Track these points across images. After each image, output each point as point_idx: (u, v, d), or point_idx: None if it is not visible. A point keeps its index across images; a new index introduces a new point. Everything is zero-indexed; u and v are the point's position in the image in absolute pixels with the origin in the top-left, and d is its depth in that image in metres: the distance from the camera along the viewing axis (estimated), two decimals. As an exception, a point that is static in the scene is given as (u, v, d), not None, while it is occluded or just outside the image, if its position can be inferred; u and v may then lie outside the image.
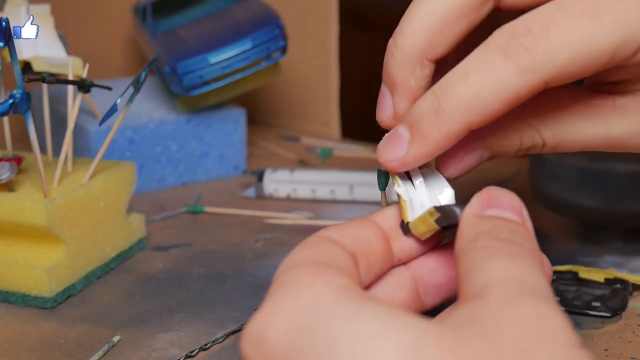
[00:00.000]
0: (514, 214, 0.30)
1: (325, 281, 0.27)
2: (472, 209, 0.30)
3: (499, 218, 0.30)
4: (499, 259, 0.27)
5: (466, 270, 0.28)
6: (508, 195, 0.31)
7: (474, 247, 0.28)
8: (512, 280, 0.26)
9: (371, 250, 0.32)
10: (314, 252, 0.29)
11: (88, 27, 0.87)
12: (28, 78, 0.48)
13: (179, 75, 0.68)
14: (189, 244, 0.59)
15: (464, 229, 0.30)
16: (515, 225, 0.29)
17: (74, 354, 0.43)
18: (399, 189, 0.34)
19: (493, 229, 0.29)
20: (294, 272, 0.28)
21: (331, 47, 0.86)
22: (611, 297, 0.46)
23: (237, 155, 0.74)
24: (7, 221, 0.48)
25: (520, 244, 0.28)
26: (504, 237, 0.28)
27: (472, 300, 0.26)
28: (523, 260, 0.27)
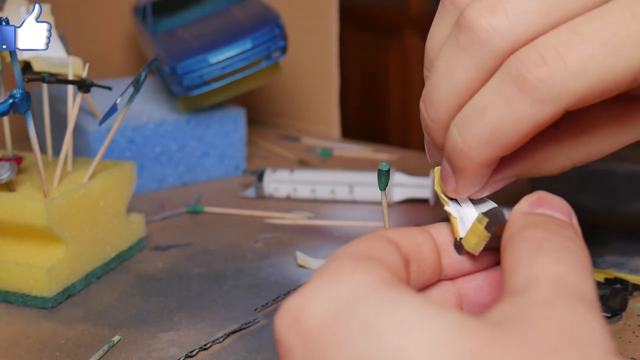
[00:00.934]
0: (563, 215, 0.30)
1: (367, 271, 0.27)
2: (521, 207, 0.30)
3: (549, 215, 0.30)
4: (545, 254, 0.27)
5: (512, 262, 0.27)
6: (558, 199, 0.31)
7: (522, 238, 0.28)
8: (555, 280, 0.26)
9: (424, 258, 0.32)
10: (364, 246, 0.30)
11: (88, 27, 0.87)
12: (28, 78, 0.48)
13: (179, 75, 0.68)
14: (189, 244, 0.59)
15: (512, 222, 0.30)
16: (564, 224, 0.29)
17: (74, 354, 0.43)
18: (449, 208, 0.35)
19: (542, 222, 0.29)
20: (338, 261, 0.28)
21: (331, 47, 0.86)
22: (611, 297, 0.46)
23: (237, 155, 0.74)
24: (7, 221, 0.48)
25: (570, 238, 0.28)
26: (553, 230, 0.28)
27: (513, 297, 0.26)
28: (569, 256, 0.27)
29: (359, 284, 0.26)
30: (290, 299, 0.27)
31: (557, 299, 0.25)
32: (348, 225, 0.61)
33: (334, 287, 0.26)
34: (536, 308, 0.25)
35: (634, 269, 0.52)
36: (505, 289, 0.27)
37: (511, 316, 0.25)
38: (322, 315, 0.26)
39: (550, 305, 0.25)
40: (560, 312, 0.25)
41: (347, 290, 0.26)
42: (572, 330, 0.24)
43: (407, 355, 0.23)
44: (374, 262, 0.28)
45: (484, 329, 0.24)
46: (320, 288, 0.27)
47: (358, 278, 0.27)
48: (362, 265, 0.28)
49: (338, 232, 0.60)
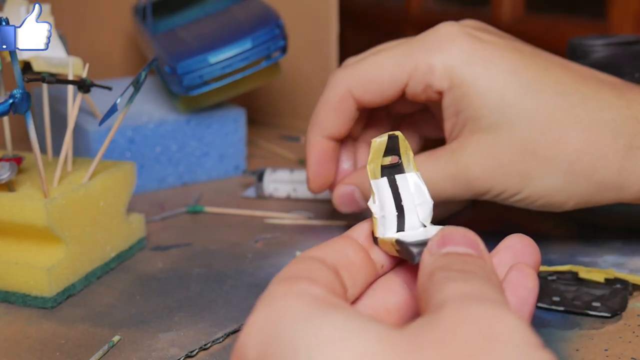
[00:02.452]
0: (467, 247, 0.31)
1: (297, 292, 0.28)
2: (429, 249, 0.31)
3: (454, 254, 0.31)
4: (453, 281, 0.28)
5: (425, 300, 0.29)
6: (461, 232, 0.32)
7: (430, 282, 0.29)
8: (466, 294, 0.27)
9: (350, 261, 0.33)
10: (292, 269, 0.31)
11: (88, 27, 0.87)
12: (28, 78, 0.48)
13: (179, 75, 0.68)
14: (189, 244, 0.59)
15: (422, 269, 0.31)
16: (469, 257, 0.30)
17: (74, 354, 0.43)
18: (373, 206, 0.35)
19: (447, 264, 0.30)
20: (270, 289, 0.29)
21: (331, 47, 0.86)
22: (611, 297, 0.46)
23: (237, 155, 0.74)
24: (7, 221, 0.48)
25: (474, 272, 0.29)
26: (457, 269, 0.29)
27: (429, 314, 0.27)
28: (476, 280, 0.28)
29: (287, 308, 0.27)
30: (238, 337, 0.28)
31: (470, 303, 0.26)
32: (348, 225, 0.61)
33: (265, 315, 0.28)
34: (452, 314, 0.26)
35: (634, 269, 0.52)
36: None
37: (429, 325, 0.26)
38: (257, 346, 0.27)
39: (464, 309, 0.26)
40: (473, 313, 0.26)
41: (276, 316, 0.27)
42: (488, 328, 0.25)
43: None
44: (303, 281, 0.29)
45: (404, 338, 0.25)
46: (255, 319, 0.28)
47: (286, 302, 0.28)
48: (292, 286, 0.29)
49: (338, 232, 0.60)
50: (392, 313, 0.34)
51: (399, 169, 0.36)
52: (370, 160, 0.36)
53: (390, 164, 0.36)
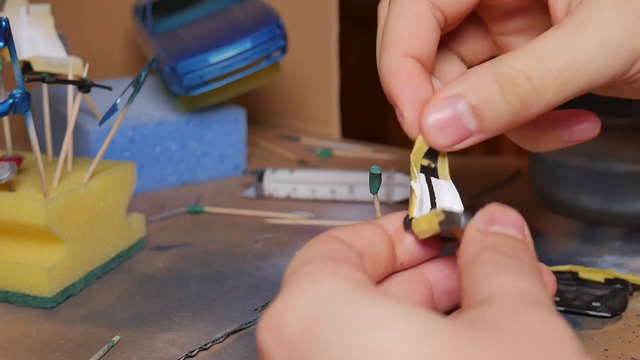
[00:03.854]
0: (516, 232, 0.30)
1: (344, 274, 0.27)
2: (476, 224, 0.31)
3: (502, 234, 0.30)
4: (504, 272, 0.28)
5: (471, 282, 0.28)
6: (511, 213, 0.31)
7: (479, 261, 0.28)
8: (518, 292, 0.26)
9: (377, 253, 0.33)
10: (327, 249, 0.30)
11: (88, 27, 0.87)
12: (28, 78, 0.48)
13: (179, 75, 0.68)
14: (189, 244, 0.59)
15: (468, 243, 0.30)
16: (517, 242, 0.30)
17: (74, 354, 0.43)
18: (415, 185, 0.35)
19: (497, 244, 0.29)
20: (311, 266, 0.28)
21: (331, 47, 0.86)
22: (611, 297, 0.46)
23: (237, 155, 0.74)
24: (7, 221, 0.48)
25: (523, 259, 0.29)
26: (507, 252, 0.29)
27: (479, 306, 0.26)
28: (527, 274, 0.28)
29: (337, 288, 0.27)
30: (270, 307, 0.27)
31: (525, 307, 0.26)
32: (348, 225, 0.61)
33: (313, 293, 0.27)
34: (506, 315, 0.25)
35: (634, 269, 0.52)
36: (466, 304, 0.28)
37: (482, 319, 0.25)
38: (302, 322, 0.26)
39: (520, 313, 0.25)
40: (530, 319, 0.25)
41: (325, 295, 0.26)
42: (546, 333, 0.25)
43: (387, 354, 0.24)
44: (347, 264, 0.28)
45: (461, 327, 0.25)
46: (299, 294, 0.27)
47: (336, 282, 0.27)
48: (337, 268, 0.28)
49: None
50: None
51: (434, 173, 0.36)
52: (415, 152, 0.35)
53: (427, 167, 0.36)
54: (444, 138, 0.35)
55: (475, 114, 0.34)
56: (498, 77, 0.34)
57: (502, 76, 0.34)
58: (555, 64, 0.34)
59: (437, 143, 0.35)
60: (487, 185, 0.69)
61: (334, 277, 0.27)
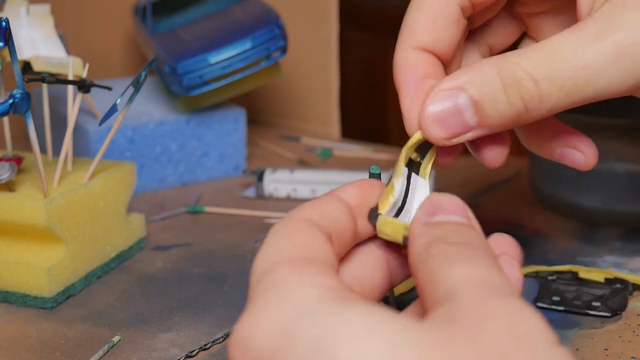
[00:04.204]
0: (459, 216, 0.30)
1: (311, 283, 0.27)
2: (419, 218, 0.30)
3: (447, 223, 0.29)
4: (457, 262, 0.27)
5: (427, 278, 0.27)
6: (450, 199, 0.30)
7: (429, 255, 0.28)
8: (477, 282, 0.26)
9: (343, 230, 0.32)
10: (295, 244, 0.29)
11: (88, 27, 0.87)
12: (28, 78, 0.48)
13: (179, 75, 0.68)
14: (189, 244, 0.59)
15: (415, 238, 0.29)
16: (463, 227, 0.29)
17: (74, 354, 0.43)
18: (397, 182, 0.34)
19: (444, 235, 0.29)
20: (279, 273, 0.27)
21: (331, 47, 0.86)
22: (611, 297, 0.46)
23: (237, 155, 0.74)
24: (7, 221, 0.48)
25: (474, 245, 0.28)
26: (456, 241, 0.28)
27: (443, 303, 0.26)
28: (481, 261, 0.27)
29: (304, 300, 0.26)
30: (240, 323, 0.27)
31: (488, 298, 0.25)
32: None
33: (280, 306, 0.26)
34: (472, 309, 0.25)
35: (634, 269, 0.52)
36: (428, 302, 0.27)
37: (451, 318, 0.25)
38: (271, 340, 0.25)
39: (486, 305, 0.25)
40: (497, 310, 0.24)
41: (293, 308, 0.26)
42: (515, 326, 0.24)
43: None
44: (314, 268, 0.27)
45: (431, 330, 0.24)
46: (267, 310, 0.26)
47: (303, 293, 0.26)
48: (304, 275, 0.27)
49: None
50: (376, 288, 0.33)
51: (416, 168, 0.35)
52: (408, 145, 0.35)
53: (413, 160, 0.35)
54: (441, 130, 0.34)
55: (475, 109, 0.33)
56: (503, 75, 0.33)
57: (507, 75, 0.33)
58: (565, 72, 0.33)
59: (434, 135, 0.34)
60: (487, 185, 0.69)
61: (301, 286, 0.26)
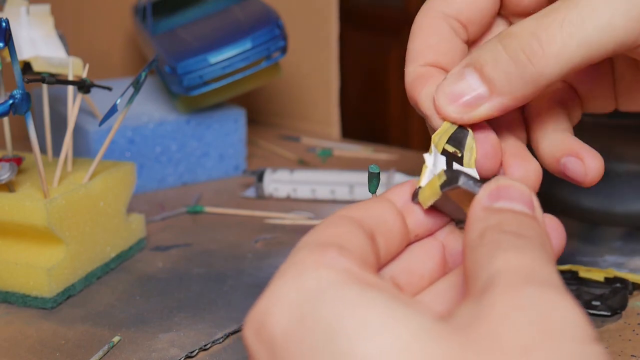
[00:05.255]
0: (523, 205, 0.29)
1: (328, 264, 0.26)
2: (480, 200, 0.29)
3: (508, 210, 0.29)
4: (505, 251, 0.26)
5: (473, 266, 0.27)
6: (518, 186, 0.29)
7: (481, 243, 0.27)
8: (519, 270, 0.25)
9: (389, 229, 0.32)
10: (325, 233, 0.29)
11: (88, 27, 0.87)
12: (28, 78, 0.48)
13: (179, 75, 0.68)
14: (189, 244, 0.59)
15: (472, 222, 0.29)
16: (524, 217, 0.28)
17: (74, 354, 0.43)
18: (428, 157, 0.34)
19: (500, 223, 0.28)
20: (299, 254, 0.27)
21: (331, 47, 0.86)
22: (611, 296, 0.46)
23: (237, 155, 0.74)
24: (7, 221, 0.48)
25: (528, 236, 0.27)
26: (511, 231, 0.27)
27: (478, 295, 0.25)
28: (530, 251, 0.26)
29: (320, 283, 0.25)
30: (256, 304, 0.26)
31: (524, 284, 0.24)
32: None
33: (295, 289, 0.25)
34: (504, 299, 0.24)
35: (633, 269, 0.52)
36: (469, 291, 0.26)
37: (477, 314, 0.24)
38: (286, 322, 0.25)
39: (518, 293, 0.24)
40: (529, 298, 0.23)
41: (309, 291, 0.25)
42: (544, 318, 0.23)
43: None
44: (334, 252, 0.27)
45: (453, 333, 0.23)
46: (283, 290, 0.26)
47: (320, 275, 0.26)
48: (322, 257, 0.26)
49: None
50: (425, 279, 0.33)
51: (458, 160, 0.35)
52: (438, 133, 0.35)
53: (452, 153, 0.35)
54: (458, 109, 0.34)
55: (482, 77, 0.33)
56: (501, 37, 0.33)
57: (505, 36, 0.33)
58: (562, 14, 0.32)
59: (453, 116, 0.34)
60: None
61: (317, 269, 0.26)
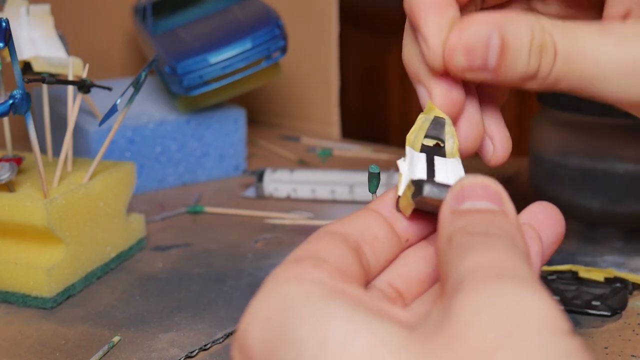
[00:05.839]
0: (488, 202, 0.28)
1: (298, 277, 0.26)
2: (448, 204, 0.29)
3: (474, 211, 0.28)
4: (471, 252, 0.25)
5: (444, 270, 0.26)
6: (482, 182, 0.29)
7: (449, 248, 0.27)
8: (487, 268, 0.24)
9: (374, 236, 0.31)
10: (305, 248, 0.29)
11: (88, 27, 0.87)
12: (28, 78, 0.48)
13: (179, 75, 0.68)
14: (189, 244, 0.59)
15: (441, 228, 0.28)
16: (490, 215, 0.28)
17: (74, 354, 0.43)
18: (401, 164, 0.34)
19: (466, 225, 0.27)
20: (273, 272, 0.28)
21: (331, 47, 0.86)
22: (611, 296, 0.46)
23: (237, 155, 0.74)
24: (7, 221, 0.48)
25: (495, 234, 0.26)
26: (477, 232, 0.27)
27: (447, 299, 0.25)
28: (497, 249, 0.25)
29: (290, 297, 0.26)
30: (240, 320, 0.27)
31: (492, 281, 0.23)
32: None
33: (267, 304, 0.26)
34: (470, 299, 0.23)
35: (633, 269, 0.52)
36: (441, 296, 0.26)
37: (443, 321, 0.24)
38: (260, 338, 0.25)
39: (485, 291, 0.23)
40: (496, 295, 0.23)
41: (279, 307, 0.25)
42: (513, 313, 0.22)
43: None
44: (308, 264, 0.27)
45: (415, 343, 0.23)
46: (258, 307, 0.26)
47: (289, 289, 0.26)
48: (295, 271, 0.27)
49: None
50: (425, 283, 0.32)
51: (440, 152, 0.35)
52: (413, 130, 0.34)
53: (433, 147, 0.35)
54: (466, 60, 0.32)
55: (501, 53, 0.32)
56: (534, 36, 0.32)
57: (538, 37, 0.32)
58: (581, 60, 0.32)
59: (457, 63, 0.33)
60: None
61: (288, 281, 0.26)
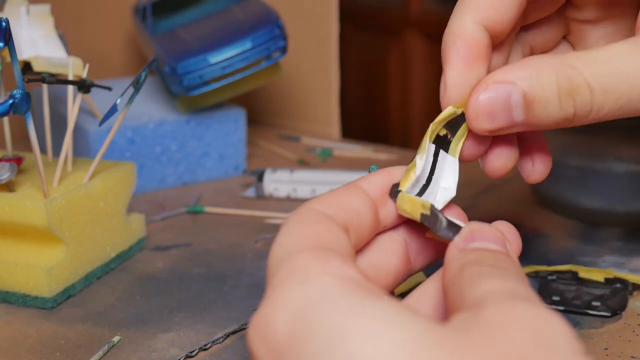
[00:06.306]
0: (497, 245, 0.30)
1: (333, 272, 0.27)
2: (456, 244, 0.30)
3: (483, 249, 0.30)
4: (489, 278, 0.27)
5: (458, 295, 0.28)
6: (490, 229, 0.31)
7: (462, 277, 0.28)
8: (507, 291, 0.26)
9: (361, 223, 0.32)
10: (313, 234, 0.29)
11: (88, 27, 0.87)
12: (28, 78, 0.48)
13: (179, 75, 0.68)
14: (189, 244, 0.59)
15: (449, 262, 0.30)
16: (499, 254, 0.29)
17: (74, 354, 0.43)
18: (419, 159, 0.34)
19: (478, 259, 0.29)
20: (299, 261, 0.27)
21: (331, 47, 0.86)
22: (611, 297, 0.46)
23: (237, 155, 0.74)
24: (7, 221, 0.48)
25: (507, 268, 0.28)
26: (488, 264, 0.28)
27: (471, 308, 0.26)
28: (511, 279, 0.27)
29: (326, 291, 0.26)
30: (261, 309, 0.27)
31: (516, 301, 0.25)
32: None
33: (301, 295, 0.26)
34: (498, 311, 0.25)
35: (633, 269, 0.52)
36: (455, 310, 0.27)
37: (474, 321, 0.25)
38: (290, 329, 0.25)
39: (512, 308, 0.25)
40: (522, 313, 0.25)
41: (315, 298, 0.26)
42: (539, 330, 0.24)
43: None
44: (335, 258, 0.27)
45: (452, 336, 0.24)
46: (289, 296, 0.26)
47: (325, 283, 0.26)
48: (326, 264, 0.27)
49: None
50: (391, 276, 0.34)
51: (445, 146, 0.35)
52: (437, 121, 0.35)
53: (443, 137, 0.35)
54: (488, 123, 0.33)
55: (526, 107, 0.33)
56: (560, 79, 0.32)
57: (565, 79, 0.32)
58: (622, 85, 0.32)
59: (480, 127, 0.34)
60: (488, 185, 0.69)
61: (323, 276, 0.26)
